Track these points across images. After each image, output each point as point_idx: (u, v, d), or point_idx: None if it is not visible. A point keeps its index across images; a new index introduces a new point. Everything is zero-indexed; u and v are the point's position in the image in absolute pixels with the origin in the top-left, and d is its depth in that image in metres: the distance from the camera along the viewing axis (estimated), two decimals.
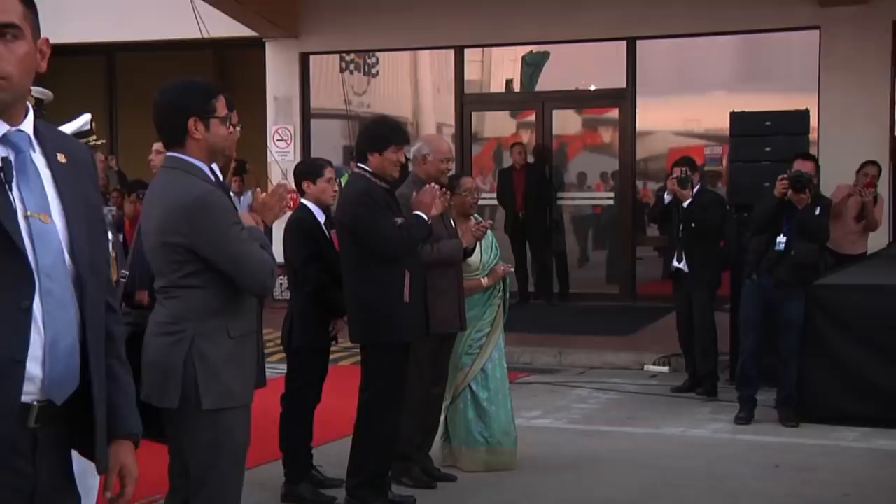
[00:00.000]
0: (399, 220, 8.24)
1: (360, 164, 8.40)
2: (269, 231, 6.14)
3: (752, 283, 11.77)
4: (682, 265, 12.62)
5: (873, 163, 15.70)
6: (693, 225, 12.51)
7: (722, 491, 9.41)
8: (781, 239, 11.41)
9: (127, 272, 7.86)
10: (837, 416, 11.48)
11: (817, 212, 11.51)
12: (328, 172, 9.04)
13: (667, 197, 12.92)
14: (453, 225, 9.15)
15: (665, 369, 13.13)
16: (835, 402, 11.57)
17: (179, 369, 5.46)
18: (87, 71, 23.36)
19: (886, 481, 9.64)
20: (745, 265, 12.06)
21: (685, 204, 12.48)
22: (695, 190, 12.65)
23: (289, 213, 8.54)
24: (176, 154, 5.59)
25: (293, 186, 6.90)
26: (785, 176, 11.36)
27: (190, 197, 5.46)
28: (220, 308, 5.57)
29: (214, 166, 5.83)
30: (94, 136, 6.94)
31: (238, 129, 5.90)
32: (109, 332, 3.79)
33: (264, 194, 6.18)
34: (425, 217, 8.29)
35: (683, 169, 12.69)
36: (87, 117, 6.89)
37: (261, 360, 6.26)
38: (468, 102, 19.78)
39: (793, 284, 11.48)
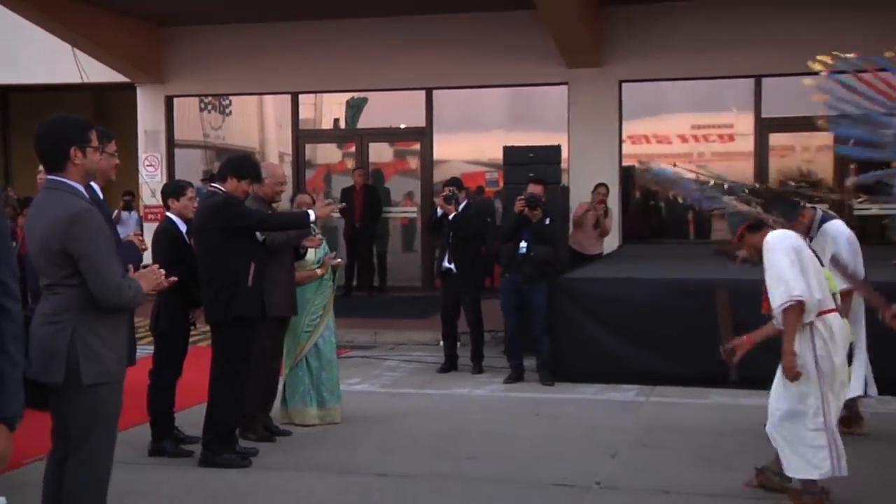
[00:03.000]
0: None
1: (214, 185, 8.52)
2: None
3: (506, 279, 12.20)
4: (451, 266, 12.54)
5: (603, 184, 16.11)
6: (459, 233, 12.45)
7: (497, 433, 9.50)
8: (523, 244, 11.89)
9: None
10: (582, 376, 11.68)
11: (547, 222, 11.96)
12: (189, 192, 8.92)
13: (438, 211, 12.84)
14: None
15: (459, 343, 13.10)
16: (580, 366, 11.77)
17: (63, 352, 5.34)
18: None
19: (616, 422, 9.86)
20: (501, 265, 12.33)
21: (451, 217, 12.45)
22: (461, 205, 12.59)
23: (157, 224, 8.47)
24: (56, 177, 5.44)
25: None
26: (522, 197, 11.89)
27: (70, 211, 5.33)
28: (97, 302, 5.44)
29: (95, 186, 5.74)
30: None
31: (115, 157, 5.83)
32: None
33: (147, 269, 5.98)
34: (311, 213, 8.60)
35: (451, 188, 12.70)
36: None
37: (131, 343, 6.16)
38: (302, 136, 19.71)
39: (536, 278, 11.89)
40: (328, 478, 8.05)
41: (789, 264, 6.91)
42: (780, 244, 7.07)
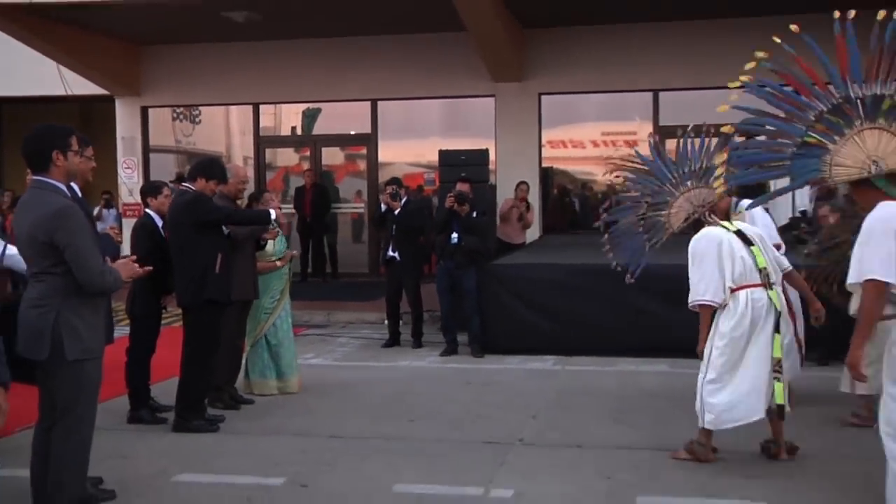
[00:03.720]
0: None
1: (184, 184, 8.50)
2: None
3: (441, 266, 12.21)
4: (395, 255, 12.53)
5: (524, 182, 16.25)
6: (401, 227, 12.45)
7: (434, 399, 9.51)
8: (454, 236, 11.93)
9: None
10: (507, 349, 11.71)
11: (475, 215, 12.02)
12: (165, 191, 8.91)
13: (382, 207, 12.81)
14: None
15: (400, 323, 13.04)
16: (506, 340, 11.80)
17: (48, 331, 5.37)
18: None
19: (537, 388, 9.91)
20: (437, 254, 12.44)
21: (395, 212, 12.44)
22: (403, 201, 12.59)
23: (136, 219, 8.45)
24: (40, 177, 5.49)
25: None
26: (452, 194, 12.01)
27: (55, 207, 5.38)
28: (78, 288, 5.44)
29: (75, 186, 5.72)
30: None
31: (92, 160, 5.83)
32: None
33: (124, 260, 5.99)
34: (272, 212, 8.79)
35: (393, 187, 12.71)
36: None
37: (109, 323, 6.14)
38: (263, 142, 19.59)
39: (467, 265, 11.93)
40: (287, 440, 8.02)
41: (710, 266, 7.03)
42: (693, 246, 7.21)
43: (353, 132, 19.23)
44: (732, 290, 7.02)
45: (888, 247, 5.27)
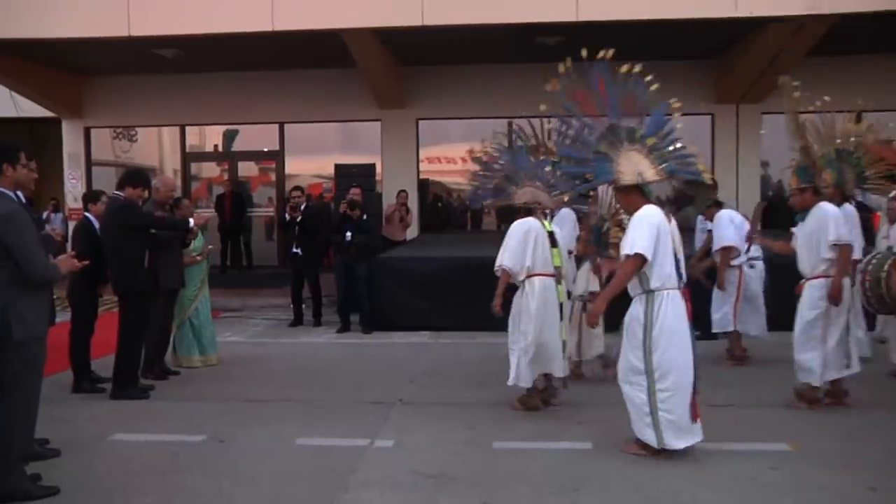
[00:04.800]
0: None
1: (116, 192, 8.31)
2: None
3: (338, 259, 12.12)
4: (298, 251, 12.43)
5: (403, 191, 16.22)
6: (304, 228, 12.36)
7: (330, 368, 9.48)
8: (348, 234, 11.85)
9: None
10: (391, 327, 11.73)
11: (364, 218, 12.03)
12: (104, 198, 8.71)
13: (287, 216, 12.64)
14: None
15: (303, 306, 12.95)
16: (390, 319, 11.82)
17: None
18: None
19: (415, 358, 9.92)
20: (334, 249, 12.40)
21: (298, 218, 12.36)
22: (303, 206, 12.49)
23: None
24: None
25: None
26: (345, 201, 12.10)
27: (3, 211, 5.27)
28: (24, 279, 5.31)
29: (20, 193, 5.57)
30: None
31: (35, 172, 5.68)
32: None
33: (65, 256, 5.84)
34: (191, 220, 8.88)
35: (297, 195, 12.68)
36: None
37: (52, 309, 5.99)
38: (189, 157, 19.19)
39: (359, 258, 11.88)
40: (209, 404, 7.90)
41: (515, 244, 7.33)
42: (512, 227, 7.46)
43: (265, 149, 18.94)
44: (529, 276, 7.32)
45: (653, 233, 5.94)
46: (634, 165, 6.18)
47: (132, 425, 7.14)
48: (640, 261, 5.96)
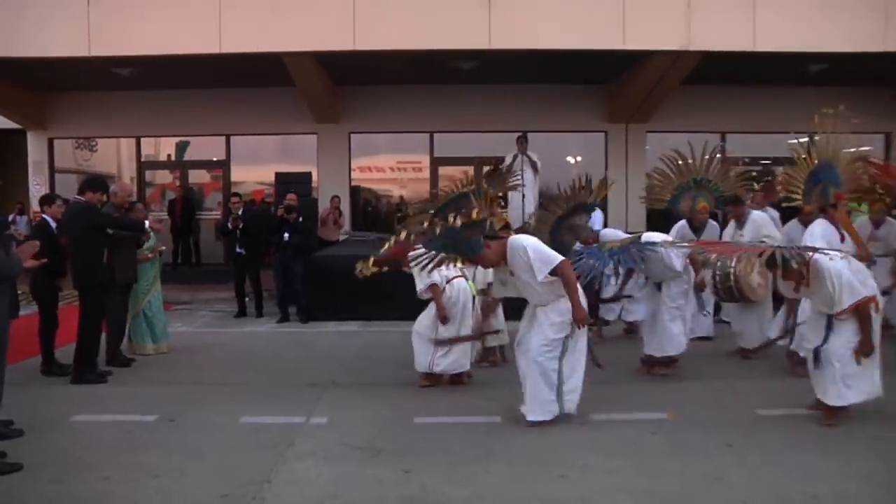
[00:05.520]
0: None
1: (77, 196, 8.15)
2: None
3: (277, 257, 12.00)
4: (242, 251, 12.23)
5: (336, 196, 16.11)
6: (246, 230, 12.16)
7: (271, 355, 9.41)
8: (286, 235, 11.77)
9: None
10: (325, 317, 11.64)
11: (301, 220, 11.97)
12: (59, 201, 8.58)
13: (229, 225, 12.33)
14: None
15: (246, 300, 12.80)
16: (324, 310, 11.70)
17: None
18: None
19: (346, 344, 9.86)
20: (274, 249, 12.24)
21: (240, 225, 12.17)
22: (241, 211, 12.32)
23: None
24: None
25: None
26: (282, 206, 12.03)
27: None
28: None
29: None
30: None
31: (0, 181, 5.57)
32: None
33: (27, 243, 5.76)
34: (146, 223, 8.83)
35: (236, 200, 12.54)
36: None
37: (14, 302, 5.85)
38: (145, 166, 18.76)
39: (296, 256, 11.79)
40: (162, 387, 7.79)
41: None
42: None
43: (214, 159, 18.63)
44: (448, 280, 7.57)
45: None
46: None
47: (91, 407, 6.99)
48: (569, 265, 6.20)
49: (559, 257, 6.13)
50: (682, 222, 9.15)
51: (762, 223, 8.77)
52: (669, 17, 13.67)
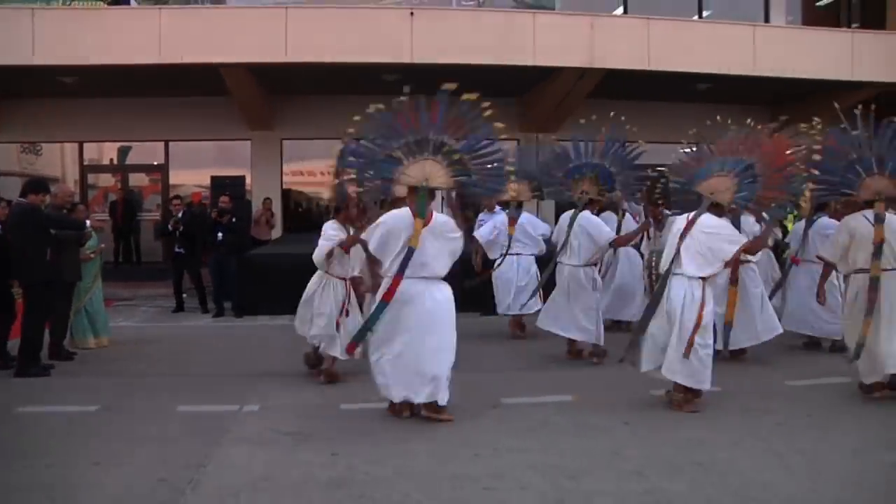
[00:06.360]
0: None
1: (20, 198, 7.93)
2: None
3: (216, 255, 11.84)
4: (181, 250, 11.94)
5: (268, 198, 15.97)
6: (184, 231, 11.87)
7: (207, 347, 9.27)
8: (220, 235, 11.67)
9: None
10: (258, 311, 11.41)
11: (234, 221, 11.82)
12: (3, 203, 8.40)
13: (170, 227, 12.04)
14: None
15: (184, 295, 12.54)
16: (257, 305, 11.46)
17: None
18: None
19: (277, 336, 9.53)
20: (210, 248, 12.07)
21: (180, 226, 11.90)
22: (181, 213, 11.97)
23: None
24: None
25: None
26: (216, 209, 11.94)
27: None
28: None
29: None
30: None
31: None
32: None
33: None
34: (87, 222, 8.68)
35: (177, 202, 12.28)
36: None
37: None
38: (87, 169, 18.15)
39: (230, 255, 11.65)
40: (103, 379, 7.61)
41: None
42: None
43: (154, 163, 18.16)
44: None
45: (383, 233, 5.90)
46: (424, 172, 5.95)
47: (34, 399, 6.76)
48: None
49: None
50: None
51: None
52: (575, 37, 13.99)
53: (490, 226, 9.63)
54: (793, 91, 15.95)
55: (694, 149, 6.95)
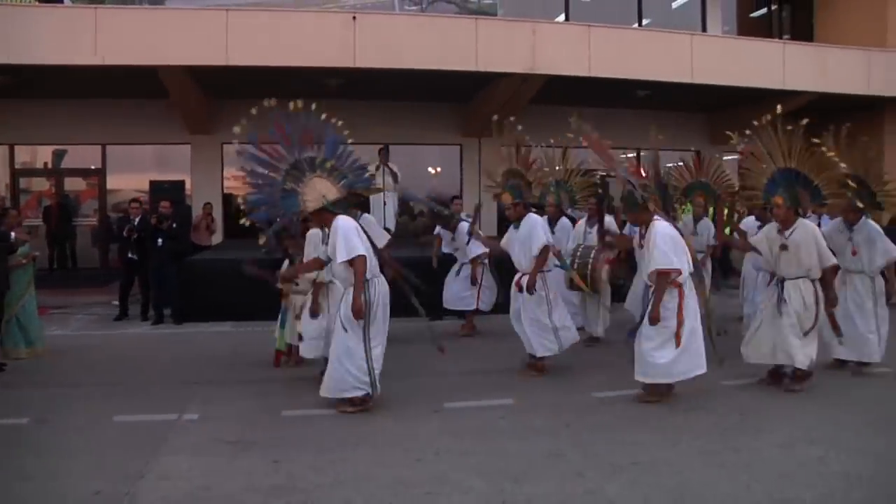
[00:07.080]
0: None
1: None
2: None
3: (153, 262, 11.37)
4: (134, 256, 11.47)
5: (209, 203, 15.57)
6: (140, 237, 11.50)
7: (149, 354, 8.97)
8: (160, 241, 11.25)
9: None
10: (200, 318, 11.19)
11: (175, 226, 11.43)
12: None
13: (125, 233, 11.55)
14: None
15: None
16: (198, 311, 11.27)
17: None
18: None
19: (218, 344, 9.57)
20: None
21: (136, 232, 11.49)
22: (137, 220, 11.60)
23: None
24: None
25: None
26: (155, 214, 11.39)
27: None
28: None
29: None
30: None
31: None
32: None
33: None
34: (13, 234, 8.50)
35: (136, 206, 11.83)
36: None
37: None
38: (19, 174, 17.47)
39: (170, 261, 11.29)
40: (35, 390, 7.37)
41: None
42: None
43: (91, 167, 17.70)
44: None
45: (357, 235, 6.13)
46: (317, 191, 6.32)
47: None
48: (365, 260, 6.08)
49: (361, 251, 6.06)
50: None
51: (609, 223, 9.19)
52: (517, 44, 14.13)
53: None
54: (728, 98, 16.38)
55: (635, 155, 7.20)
